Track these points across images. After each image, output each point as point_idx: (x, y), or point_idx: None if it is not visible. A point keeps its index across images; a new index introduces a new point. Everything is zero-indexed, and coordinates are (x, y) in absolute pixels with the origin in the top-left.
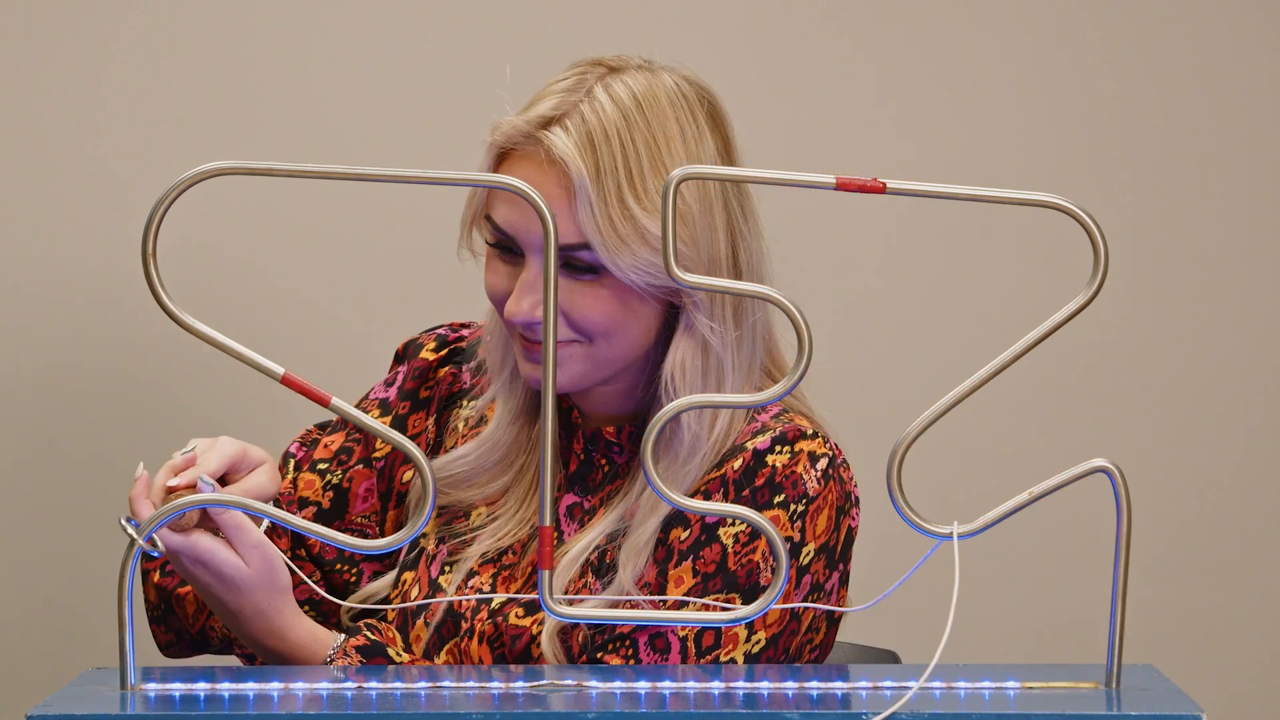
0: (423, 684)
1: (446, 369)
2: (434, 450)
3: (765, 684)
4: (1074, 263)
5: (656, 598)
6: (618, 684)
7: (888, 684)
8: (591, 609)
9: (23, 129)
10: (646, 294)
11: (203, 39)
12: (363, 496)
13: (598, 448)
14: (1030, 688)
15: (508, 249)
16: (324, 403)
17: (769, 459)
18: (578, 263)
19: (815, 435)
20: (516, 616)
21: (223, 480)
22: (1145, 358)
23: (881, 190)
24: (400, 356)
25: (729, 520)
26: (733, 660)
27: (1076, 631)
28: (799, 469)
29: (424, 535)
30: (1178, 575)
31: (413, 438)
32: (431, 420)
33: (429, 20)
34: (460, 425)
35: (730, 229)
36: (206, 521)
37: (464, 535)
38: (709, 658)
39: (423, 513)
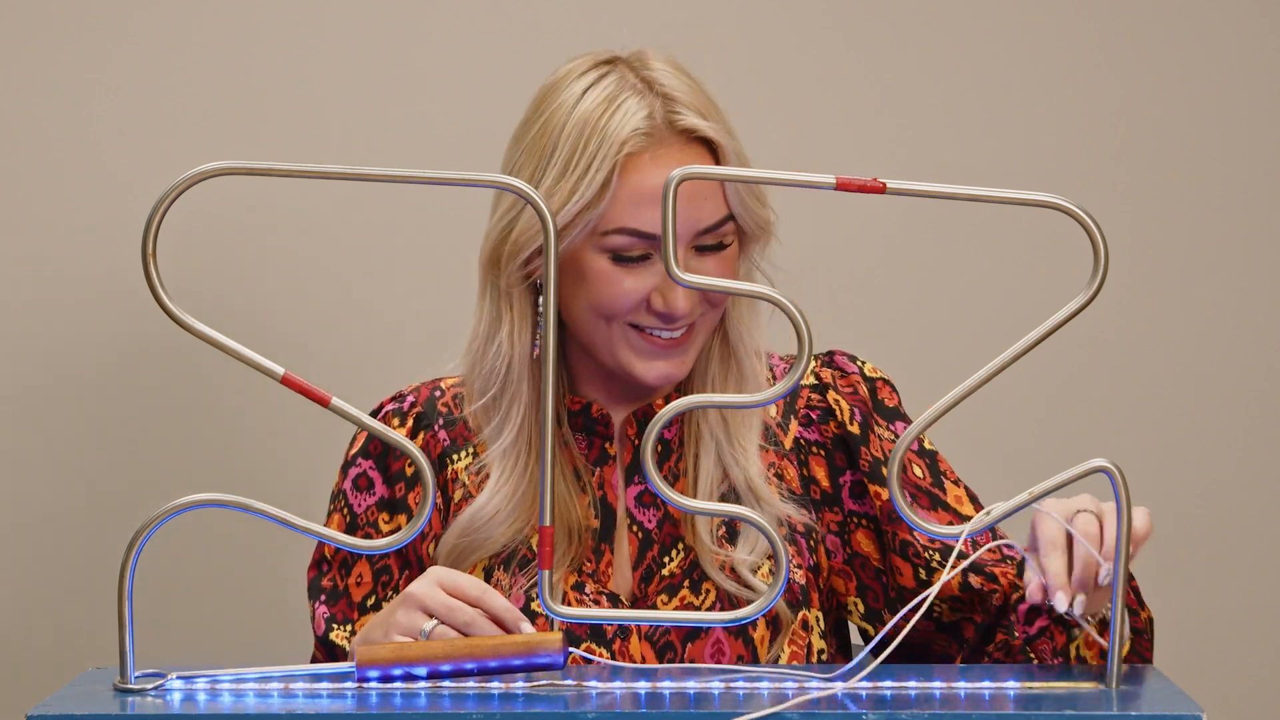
0: (422, 684)
1: (419, 438)
2: (446, 511)
3: (765, 684)
4: (1074, 263)
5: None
6: (617, 684)
7: (888, 684)
8: (591, 609)
9: (23, 129)
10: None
11: (204, 39)
12: None
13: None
14: (1030, 688)
15: (643, 256)
16: (324, 403)
17: (857, 364)
18: (720, 240)
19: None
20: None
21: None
22: (1145, 358)
23: (881, 190)
24: (361, 451)
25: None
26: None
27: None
28: (874, 370)
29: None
30: (1178, 575)
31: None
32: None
33: (429, 20)
34: (465, 478)
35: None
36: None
37: (533, 560)
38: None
39: (423, 512)
